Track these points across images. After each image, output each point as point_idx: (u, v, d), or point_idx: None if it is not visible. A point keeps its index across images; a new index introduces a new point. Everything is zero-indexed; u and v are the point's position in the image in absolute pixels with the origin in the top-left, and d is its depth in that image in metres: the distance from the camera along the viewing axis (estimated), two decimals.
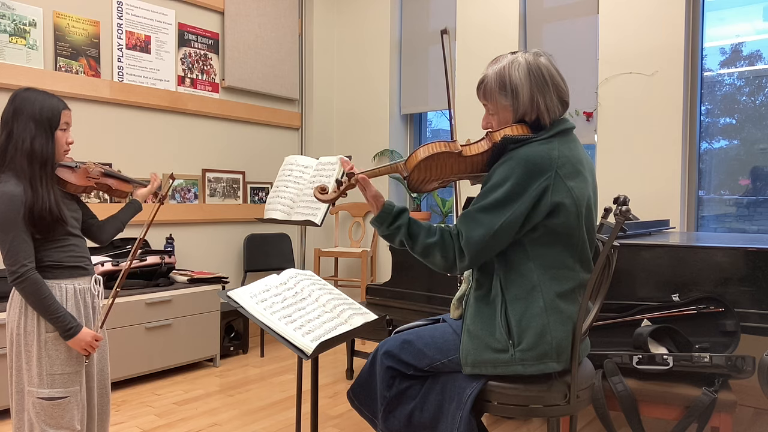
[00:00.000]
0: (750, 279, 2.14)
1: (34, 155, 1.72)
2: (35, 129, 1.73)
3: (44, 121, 1.74)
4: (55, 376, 1.75)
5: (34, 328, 1.74)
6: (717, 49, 3.36)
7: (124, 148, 3.68)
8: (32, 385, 1.74)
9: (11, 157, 1.72)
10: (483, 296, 1.58)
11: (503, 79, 1.55)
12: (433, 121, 4.86)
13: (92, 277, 1.90)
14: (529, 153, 1.48)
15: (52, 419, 1.75)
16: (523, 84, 1.53)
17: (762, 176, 3.23)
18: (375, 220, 1.58)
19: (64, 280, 1.80)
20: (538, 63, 1.55)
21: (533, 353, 1.50)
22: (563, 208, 1.49)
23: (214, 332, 3.64)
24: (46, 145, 1.75)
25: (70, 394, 1.78)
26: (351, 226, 4.83)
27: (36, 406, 1.74)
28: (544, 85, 1.53)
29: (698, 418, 2.01)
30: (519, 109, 1.55)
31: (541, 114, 1.54)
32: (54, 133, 1.77)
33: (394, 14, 4.71)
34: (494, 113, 1.60)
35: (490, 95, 1.58)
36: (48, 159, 1.76)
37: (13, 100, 1.75)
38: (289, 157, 2.66)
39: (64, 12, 3.39)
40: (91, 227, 2.02)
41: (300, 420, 2.17)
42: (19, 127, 1.72)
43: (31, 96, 1.75)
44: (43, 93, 1.78)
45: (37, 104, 1.74)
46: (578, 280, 1.56)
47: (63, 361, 1.77)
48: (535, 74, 1.53)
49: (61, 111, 1.79)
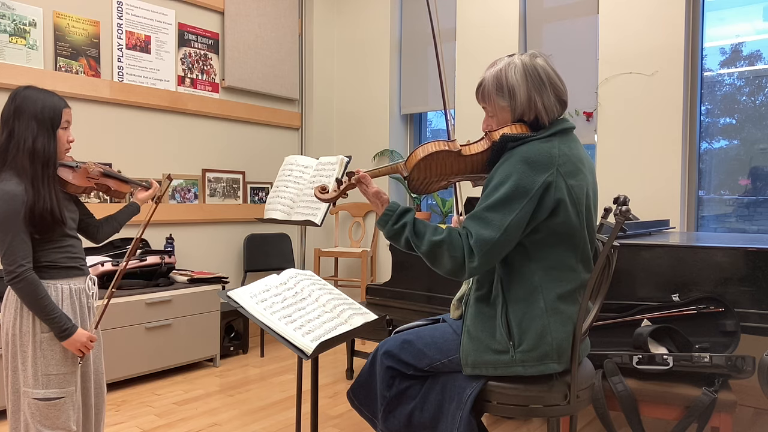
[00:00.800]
0: (750, 279, 2.14)
1: (36, 155, 1.71)
2: (37, 128, 1.72)
3: (46, 120, 1.73)
4: (51, 376, 1.74)
5: (29, 329, 1.74)
6: (717, 49, 3.36)
7: (124, 148, 3.68)
8: (27, 386, 1.74)
9: (13, 157, 1.70)
10: (483, 297, 1.58)
11: (500, 81, 1.56)
12: (433, 121, 4.86)
13: (87, 278, 1.90)
14: (530, 150, 1.48)
15: (48, 420, 1.74)
16: (520, 84, 1.54)
17: (762, 176, 3.23)
18: (379, 219, 1.57)
19: (60, 280, 1.79)
20: (534, 63, 1.56)
21: (534, 354, 1.50)
22: (564, 207, 1.48)
23: (214, 332, 3.64)
24: (48, 145, 1.74)
25: (66, 395, 1.77)
26: (351, 226, 4.83)
27: (32, 406, 1.73)
28: (541, 85, 1.54)
29: (698, 418, 2.01)
30: (517, 109, 1.56)
31: (540, 113, 1.55)
32: (56, 132, 1.76)
33: (394, 14, 4.71)
34: (493, 115, 1.61)
35: (488, 97, 1.60)
36: (50, 158, 1.75)
37: (13, 98, 1.73)
38: (289, 157, 2.66)
39: (64, 12, 3.39)
40: (88, 227, 2.01)
41: (300, 420, 2.17)
42: (20, 126, 1.71)
43: (33, 94, 1.74)
44: (44, 91, 1.77)
45: (39, 103, 1.73)
46: (579, 280, 1.55)
47: (58, 361, 1.76)
48: (531, 74, 1.54)
49: (63, 109, 1.78)
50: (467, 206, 3.09)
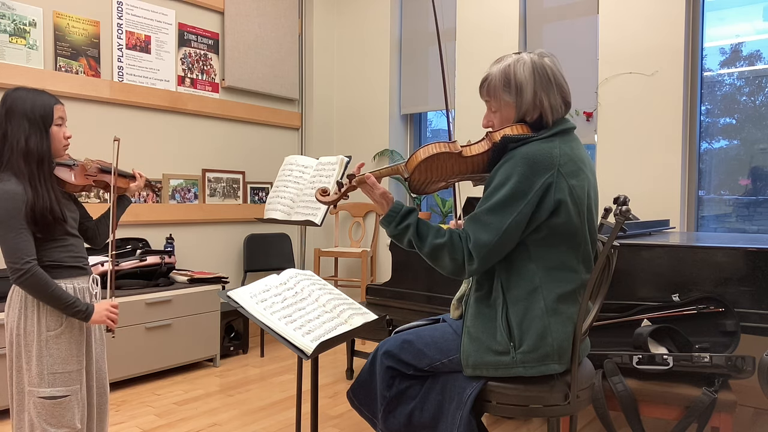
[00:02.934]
0: (750, 279, 2.14)
1: (30, 154, 1.72)
2: (29, 127, 1.72)
3: (37, 118, 1.74)
4: (56, 374, 1.75)
5: (34, 328, 1.74)
6: (717, 49, 3.36)
7: (124, 148, 3.68)
8: (33, 385, 1.74)
9: (8, 158, 1.71)
10: (483, 297, 1.58)
11: (508, 77, 1.55)
12: (433, 121, 4.86)
13: (90, 277, 1.90)
14: (531, 151, 1.48)
15: (54, 418, 1.75)
16: (528, 81, 1.53)
17: (762, 176, 3.23)
18: (383, 220, 1.58)
19: (63, 279, 1.79)
20: (543, 63, 1.56)
21: (535, 355, 1.50)
22: (565, 207, 1.48)
23: (214, 332, 3.64)
24: (41, 143, 1.74)
25: (71, 393, 1.78)
26: (351, 226, 4.83)
27: (37, 405, 1.74)
28: (549, 84, 1.54)
29: (698, 418, 2.01)
30: (522, 107, 1.55)
31: (545, 112, 1.54)
32: (49, 130, 1.76)
33: (394, 14, 4.71)
34: (497, 110, 1.60)
35: (493, 92, 1.58)
36: (44, 157, 1.75)
37: (4, 100, 1.74)
38: (289, 157, 2.66)
39: (64, 12, 3.39)
40: (88, 230, 2.01)
41: (300, 420, 2.17)
42: (12, 127, 1.71)
43: (22, 95, 1.74)
44: (33, 91, 1.77)
45: (29, 102, 1.73)
46: (580, 281, 1.55)
47: (64, 359, 1.77)
48: (539, 73, 1.54)
49: (53, 106, 1.78)
50: (467, 207, 3.10)
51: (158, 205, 3.83)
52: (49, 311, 1.75)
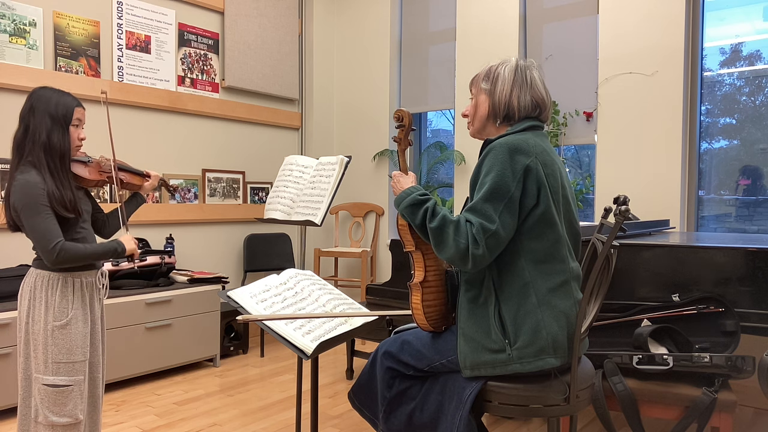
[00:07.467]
0: (750, 279, 2.14)
1: (51, 148, 1.81)
2: (51, 123, 1.81)
3: (59, 116, 1.83)
4: (60, 364, 1.81)
5: (41, 317, 1.80)
6: (717, 49, 3.36)
7: (124, 148, 3.68)
8: (38, 372, 1.80)
9: (29, 150, 1.80)
10: (474, 297, 1.59)
11: (490, 70, 1.70)
12: (433, 121, 4.86)
13: (99, 271, 1.96)
14: (508, 140, 1.56)
15: (56, 406, 1.80)
16: (505, 77, 1.66)
17: (762, 176, 3.23)
18: (408, 188, 1.63)
19: (73, 272, 1.86)
20: (526, 66, 1.68)
21: (530, 350, 1.51)
22: (545, 194, 1.53)
23: (214, 332, 3.64)
24: (62, 139, 1.83)
25: (74, 383, 1.83)
26: (351, 226, 4.83)
27: (41, 392, 1.80)
28: (523, 84, 1.66)
29: (698, 418, 2.01)
30: (494, 95, 1.66)
31: (511, 105, 1.64)
32: (68, 129, 1.85)
33: (394, 14, 4.71)
34: (474, 97, 1.73)
35: (475, 83, 1.74)
36: (65, 152, 1.84)
37: (30, 97, 1.84)
38: (289, 157, 2.66)
39: (64, 12, 3.39)
40: (96, 221, 2.08)
41: (300, 420, 2.17)
42: (35, 121, 1.80)
43: (47, 93, 1.84)
44: (58, 91, 1.87)
45: (53, 100, 1.83)
46: (568, 272, 1.58)
47: (68, 350, 1.82)
48: (518, 73, 1.67)
49: (74, 108, 1.87)
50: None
51: (158, 205, 3.84)
52: (56, 303, 1.81)
